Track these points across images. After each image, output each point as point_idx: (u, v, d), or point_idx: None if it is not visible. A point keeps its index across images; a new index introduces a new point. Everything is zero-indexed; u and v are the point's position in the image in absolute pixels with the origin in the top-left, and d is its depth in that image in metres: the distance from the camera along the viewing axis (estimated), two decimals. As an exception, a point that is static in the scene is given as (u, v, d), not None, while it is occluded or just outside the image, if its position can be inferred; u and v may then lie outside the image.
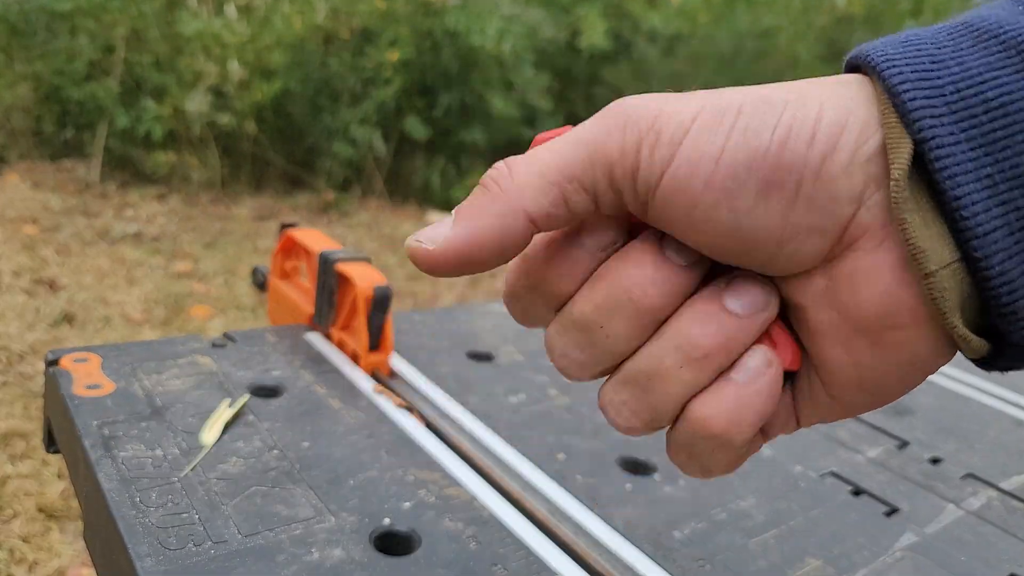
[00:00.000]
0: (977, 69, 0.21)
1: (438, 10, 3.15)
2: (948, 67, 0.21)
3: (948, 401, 0.75)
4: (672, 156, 0.22)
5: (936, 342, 0.23)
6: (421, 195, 3.44)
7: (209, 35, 2.87)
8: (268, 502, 0.45)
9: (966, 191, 0.20)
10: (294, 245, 0.74)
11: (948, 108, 0.21)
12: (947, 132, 0.21)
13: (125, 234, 2.54)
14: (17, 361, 1.69)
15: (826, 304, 0.23)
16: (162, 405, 0.54)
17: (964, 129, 0.21)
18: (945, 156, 0.20)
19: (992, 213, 0.20)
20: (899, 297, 0.22)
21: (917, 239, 0.21)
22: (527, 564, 0.43)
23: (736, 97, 0.23)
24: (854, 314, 0.23)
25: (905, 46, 0.22)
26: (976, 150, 0.20)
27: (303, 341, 0.68)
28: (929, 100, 0.21)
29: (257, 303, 2.15)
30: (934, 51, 0.22)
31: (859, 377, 0.24)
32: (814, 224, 0.22)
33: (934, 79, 0.21)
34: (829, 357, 0.24)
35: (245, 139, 3.16)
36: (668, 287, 0.24)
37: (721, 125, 0.22)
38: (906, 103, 0.21)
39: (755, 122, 0.22)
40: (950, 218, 0.21)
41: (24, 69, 2.99)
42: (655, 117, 0.23)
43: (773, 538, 0.49)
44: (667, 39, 3.60)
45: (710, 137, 0.22)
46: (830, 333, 0.24)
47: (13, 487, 1.31)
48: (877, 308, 0.22)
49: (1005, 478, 0.61)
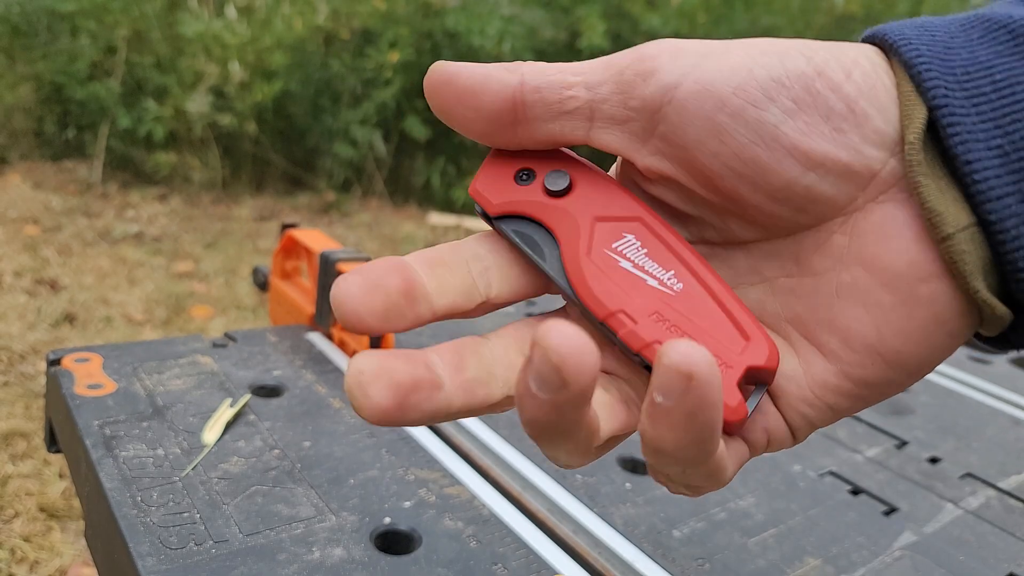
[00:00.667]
0: (986, 56, 0.22)
1: (438, 11, 3.15)
2: (959, 54, 0.22)
3: (947, 401, 0.75)
4: (697, 64, 0.22)
5: (962, 303, 0.22)
6: (422, 195, 3.44)
7: (210, 36, 2.87)
8: (269, 501, 0.45)
9: (978, 156, 0.21)
10: (295, 245, 0.74)
11: (959, 86, 0.21)
12: (959, 104, 0.21)
13: (126, 234, 2.54)
14: (18, 361, 1.70)
15: (850, 261, 0.23)
16: (163, 405, 0.54)
17: (975, 104, 0.21)
18: (957, 123, 0.21)
19: (1004, 180, 0.21)
20: (930, 247, 0.22)
21: (932, 202, 0.21)
22: (527, 563, 0.43)
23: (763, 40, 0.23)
24: (884, 265, 0.22)
25: (921, 30, 0.23)
26: (987, 123, 0.21)
27: (304, 341, 0.68)
28: (943, 76, 0.21)
29: (258, 303, 2.15)
30: (947, 39, 0.22)
31: (880, 341, 0.22)
32: (841, 158, 0.22)
33: (947, 60, 0.22)
34: (849, 321, 0.23)
35: (246, 140, 3.16)
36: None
37: (754, 46, 0.22)
38: (921, 74, 0.21)
39: (792, 50, 0.22)
40: (963, 183, 0.21)
41: (26, 70, 3.00)
42: (675, 43, 0.23)
43: (772, 537, 0.49)
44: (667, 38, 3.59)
45: (741, 51, 0.22)
46: (852, 294, 0.23)
47: (14, 487, 1.31)
48: (910, 256, 0.22)
49: (1004, 477, 0.61)
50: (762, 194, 0.23)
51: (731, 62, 0.22)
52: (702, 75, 0.22)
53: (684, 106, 0.22)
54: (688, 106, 0.22)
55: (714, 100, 0.22)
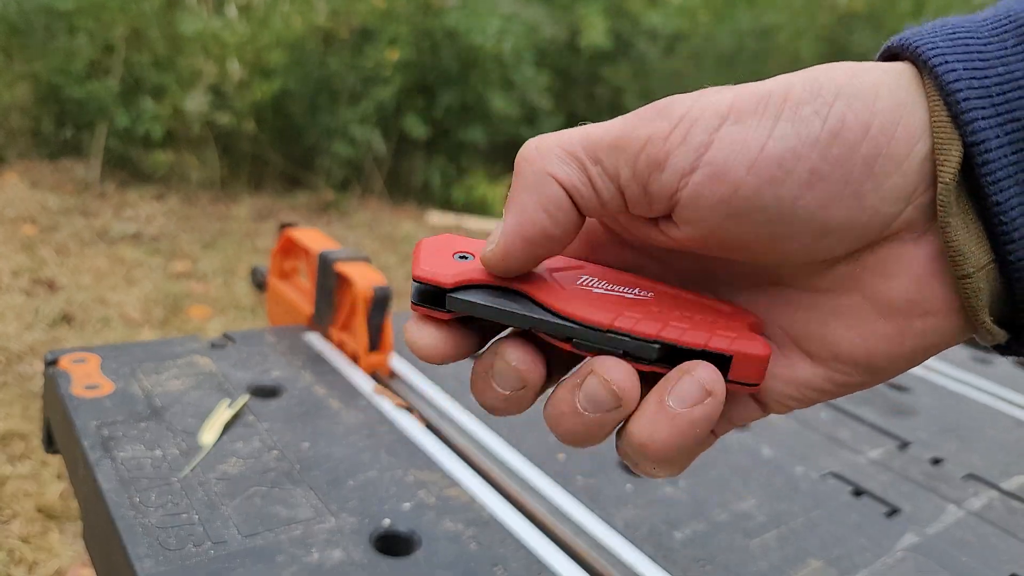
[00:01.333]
0: (1021, 71, 0.21)
1: (438, 10, 3.15)
2: (994, 67, 0.21)
3: (949, 401, 0.75)
4: (710, 142, 0.22)
5: (958, 331, 0.23)
6: (421, 194, 3.44)
7: (208, 35, 2.87)
8: (268, 503, 0.45)
9: (1006, 196, 0.21)
10: (293, 245, 0.74)
11: (995, 110, 0.21)
12: (994, 135, 0.21)
13: (124, 234, 2.54)
14: (16, 361, 1.69)
15: (850, 289, 0.23)
16: (161, 405, 0.54)
17: (1008, 132, 0.21)
18: (993, 161, 0.21)
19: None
20: (932, 286, 0.22)
21: (958, 243, 0.21)
22: (527, 565, 0.43)
23: (781, 82, 0.22)
24: (883, 299, 0.23)
25: (954, 40, 0.22)
26: (1018, 153, 0.21)
27: (302, 341, 0.67)
28: (980, 101, 0.21)
29: (256, 303, 2.15)
30: (981, 47, 0.22)
31: (867, 358, 0.24)
32: (858, 221, 0.22)
33: (983, 78, 0.21)
34: (841, 340, 0.24)
35: (244, 139, 3.16)
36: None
37: (766, 110, 0.21)
38: (959, 103, 0.21)
39: (805, 110, 0.21)
40: (989, 222, 0.21)
41: (23, 68, 2.99)
42: (689, 106, 0.22)
43: (774, 539, 0.49)
44: (667, 38, 3.60)
45: (753, 122, 0.21)
46: (849, 317, 0.23)
47: (12, 488, 1.31)
48: (910, 295, 0.22)
49: (1006, 478, 0.61)
50: (777, 254, 0.23)
51: (744, 134, 0.21)
52: (714, 157, 0.21)
53: (699, 193, 0.22)
54: (703, 193, 0.22)
55: (728, 186, 0.21)
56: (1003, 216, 0.21)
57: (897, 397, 0.74)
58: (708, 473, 0.56)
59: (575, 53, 3.61)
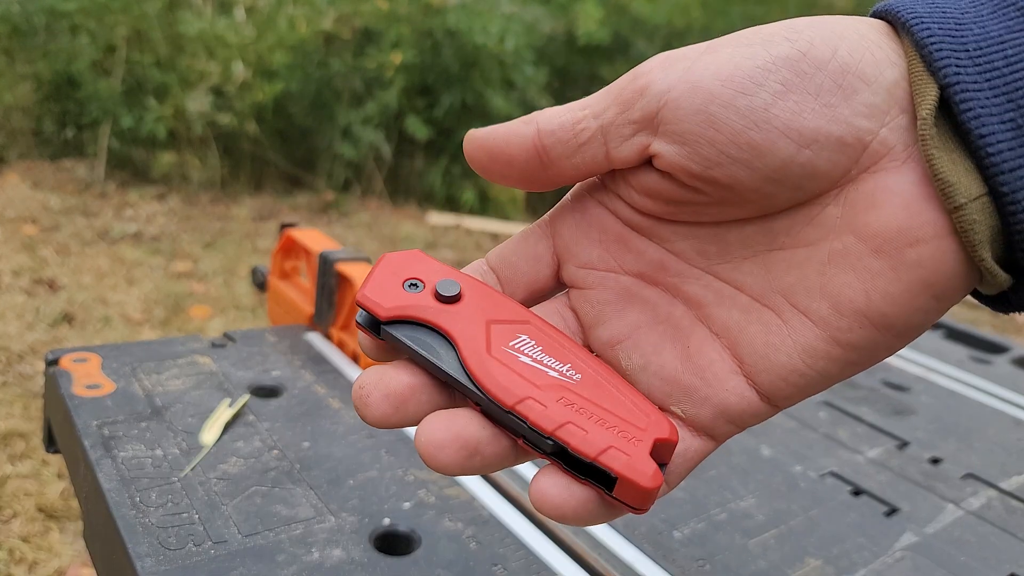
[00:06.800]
0: (997, 31, 0.22)
1: (439, 9, 3.15)
2: (971, 29, 0.23)
3: (948, 401, 0.75)
4: (687, 67, 0.23)
5: (955, 264, 0.22)
6: (421, 195, 3.44)
7: (211, 35, 2.87)
8: (268, 502, 0.45)
9: (991, 130, 0.21)
10: (294, 245, 0.74)
11: (972, 61, 0.22)
12: (971, 79, 0.22)
13: (124, 234, 2.54)
14: (17, 361, 1.69)
15: (842, 230, 0.24)
16: (162, 405, 0.54)
17: (988, 79, 0.22)
18: (970, 99, 0.22)
19: (1017, 152, 0.21)
20: (921, 211, 0.22)
21: (945, 173, 0.22)
22: (527, 564, 0.43)
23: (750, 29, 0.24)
24: (874, 231, 0.23)
25: (931, 7, 0.23)
26: (999, 97, 0.22)
27: (303, 341, 0.68)
28: (955, 53, 0.22)
29: (257, 303, 2.15)
30: (958, 15, 0.23)
31: (868, 305, 0.23)
32: (833, 132, 0.22)
33: (958, 36, 0.22)
34: (839, 286, 0.23)
35: (245, 139, 3.16)
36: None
37: (740, 39, 0.23)
38: (932, 53, 0.22)
39: (776, 36, 0.23)
40: (976, 156, 0.22)
41: (25, 69, 2.99)
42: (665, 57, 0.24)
43: (773, 538, 0.49)
44: (665, 36, 3.59)
45: (728, 46, 0.23)
46: (843, 260, 0.23)
47: (13, 487, 1.31)
48: (899, 223, 0.23)
49: (1005, 478, 0.61)
50: (760, 176, 0.23)
51: (718, 58, 0.23)
52: (691, 75, 0.23)
53: (678, 105, 0.23)
54: (682, 104, 0.23)
55: (704, 94, 0.23)
56: (989, 148, 0.21)
57: (896, 397, 0.75)
58: (707, 472, 0.56)
59: (573, 51, 3.61)
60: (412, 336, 0.25)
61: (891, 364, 0.83)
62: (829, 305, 0.24)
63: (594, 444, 0.23)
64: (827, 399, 0.72)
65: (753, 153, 0.23)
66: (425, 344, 0.25)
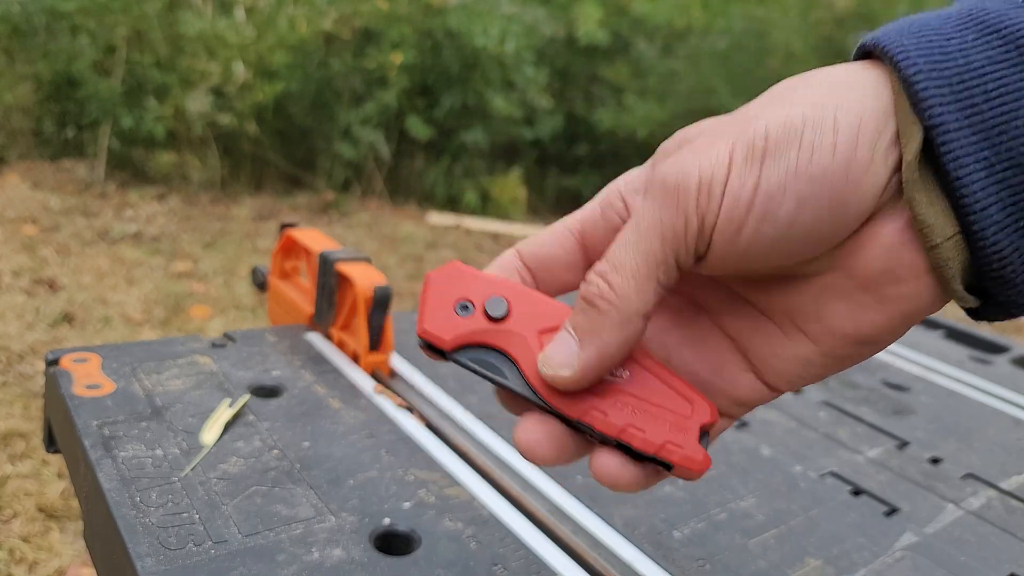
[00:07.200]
0: (979, 62, 0.24)
1: (439, 10, 3.15)
2: (955, 59, 0.24)
3: (948, 401, 0.75)
4: (720, 204, 0.25)
5: (932, 297, 0.26)
6: (421, 195, 3.44)
7: (212, 35, 2.87)
8: (268, 502, 0.45)
9: (967, 172, 0.23)
10: (294, 245, 0.74)
11: (954, 97, 0.23)
12: (953, 119, 0.23)
13: (125, 234, 2.54)
14: (17, 361, 1.69)
15: (835, 267, 0.26)
16: (162, 405, 0.54)
17: (967, 116, 0.23)
18: (951, 141, 0.23)
19: (988, 191, 0.23)
20: (902, 255, 0.25)
21: (924, 216, 0.24)
22: (527, 564, 0.43)
23: (759, 125, 0.25)
24: (860, 272, 0.26)
25: (919, 37, 0.25)
26: (976, 135, 0.23)
27: (303, 341, 0.68)
28: (939, 90, 0.23)
29: (257, 303, 2.15)
30: (943, 42, 0.24)
31: (855, 330, 0.27)
32: (843, 219, 0.25)
33: (943, 70, 0.24)
34: (831, 315, 0.27)
35: (245, 139, 3.16)
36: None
37: (753, 158, 0.25)
38: (918, 93, 0.24)
39: (782, 146, 0.25)
40: (952, 196, 0.24)
41: (25, 69, 2.99)
42: (697, 180, 0.25)
43: (773, 538, 0.49)
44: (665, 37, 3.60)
45: (745, 172, 0.25)
46: (833, 290, 0.27)
47: (13, 487, 1.31)
48: (883, 264, 0.25)
49: (1005, 478, 0.61)
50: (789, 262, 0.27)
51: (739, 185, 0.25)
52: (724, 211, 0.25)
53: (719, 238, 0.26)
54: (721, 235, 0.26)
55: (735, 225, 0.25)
56: (964, 191, 0.23)
57: (896, 397, 0.75)
58: (707, 472, 0.56)
59: (574, 52, 3.61)
60: (477, 359, 0.28)
61: (891, 364, 0.83)
62: (822, 328, 0.27)
63: (652, 442, 0.27)
64: (827, 399, 0.72)
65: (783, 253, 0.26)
66: (490, 366, 0.28)
